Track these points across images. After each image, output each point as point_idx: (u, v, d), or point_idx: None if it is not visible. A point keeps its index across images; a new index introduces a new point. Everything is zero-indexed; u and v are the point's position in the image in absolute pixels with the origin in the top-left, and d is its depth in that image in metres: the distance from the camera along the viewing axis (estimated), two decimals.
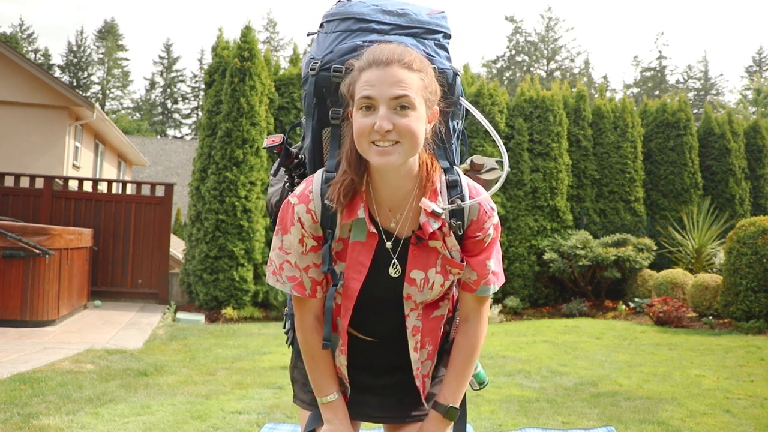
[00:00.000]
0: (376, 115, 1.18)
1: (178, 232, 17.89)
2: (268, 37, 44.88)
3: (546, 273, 9.85)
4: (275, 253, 1.35)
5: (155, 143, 31.00)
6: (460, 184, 1.32)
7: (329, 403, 1.38)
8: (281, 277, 1.34)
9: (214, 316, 8.41)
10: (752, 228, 7.35)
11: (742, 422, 3.56)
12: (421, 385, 1.43)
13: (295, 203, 1.30)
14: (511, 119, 10.41)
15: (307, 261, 1.32)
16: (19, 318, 6.43)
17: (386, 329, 1.41)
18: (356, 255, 1.30)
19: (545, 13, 53.35)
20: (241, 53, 9.12)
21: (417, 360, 1.40)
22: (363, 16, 1.36)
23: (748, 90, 37.22)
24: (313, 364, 1.38)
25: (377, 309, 1.38)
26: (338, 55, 1.33)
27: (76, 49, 45.45)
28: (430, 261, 1.32)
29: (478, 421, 3.55)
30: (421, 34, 1.36)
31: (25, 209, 8.98)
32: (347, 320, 1.36)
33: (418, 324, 1.37)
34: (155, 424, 3.38)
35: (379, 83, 1.17)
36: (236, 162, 8.83)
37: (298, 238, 1.30)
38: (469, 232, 1.32)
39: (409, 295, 1.34)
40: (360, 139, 1.20)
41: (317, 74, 1.33)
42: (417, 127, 1.19)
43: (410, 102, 1.18)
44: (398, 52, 1.20)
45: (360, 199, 1.28)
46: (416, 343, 1.38)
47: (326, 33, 1.40)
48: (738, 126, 11.93)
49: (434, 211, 1.25)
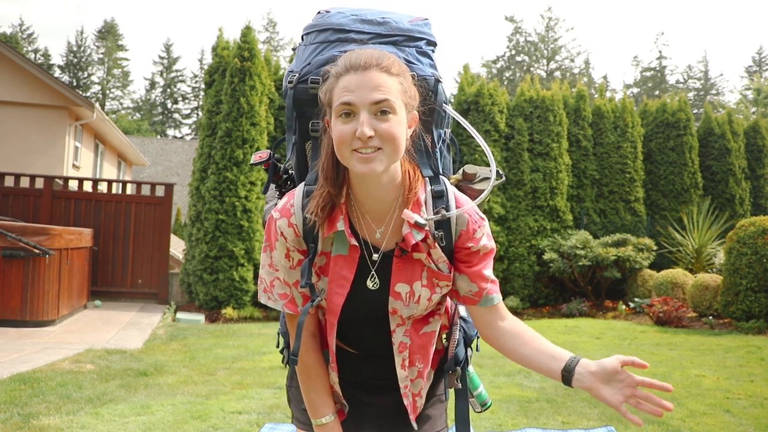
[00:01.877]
0: (356, 122, 1.14)
1: (178, 232, 17.88)
2: (268, 37, 44.90)
3: (546, 273, 9.85)
4: (265, 270, 1.32)
5: (155, 143, 31.00)
6: (446, 195, 1.28)
7: (324, 425, 1.35)
8: (273, 295, 1.32)
9: (214, 316, 8.41)
10: (752, 228, 7.35)
11: (742, 422, 3.56)
12: (410, 404, 1.38)
13: (278, 217, 1.27)
14: (511, 119, 10.41)
15: (296, 275, 1.29)
16: (19, 318, 6.43)
17: (375, 345, 1.37)
18: (339, 269, 1.27)
19: (545, 13, 53.36)
20: (242, 53, 9.12)
21: (405, 377, 1.35)
22: (341, 26, 1.33)
23: (748, 90, 37.23)
24: (308, 384, 1.35)
25: (364, 324, 1.35)
26: (315, 66, 1.30)
27: (76, 49, 45.46)
28: (415, 274, 1.27)
29: (478, 421, 3.55)
30: (402, 42, 1.33)
31: (25, 209, 8.98)
32: (333, 336, 1.32)
33: (405, 340, 1.33)
34: (155, 424, 3.38)
35: (358, 88, 1.14)
36: (236, 162, 8.83)
37: (283, 253, 1.28)
38: (460, 243, 1.28)
39: (395, 310, 1.30)
40: (341, 147, 1.16)
41: (295, 87, 1.31)
42: (399, 131, 1.15)
43: (391, 106, 1.14)
44: (375, 56, 1.17)
45: (340, 211, 1.24)
46: (403, 360, 1.34)
47: (305, 45, 1.37)
48: (738, 126, 11.93)
49: (417, 222, 1.21)
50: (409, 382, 1.37)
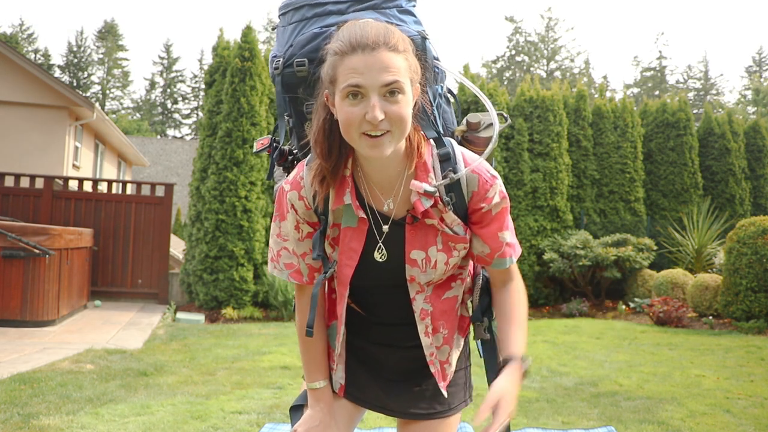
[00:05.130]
0: (365, 104, 1.11)
1: (178, 232, 17.87)
2: (268, 37, 44.84)
3: (546, 273, 9.84)
4: (273, 240, 1.33)
5: (155, 143, 30.99)
6: (453, 156, 1.24)
7: (316, 389, 1.38)
8: (279, 264, 1.33)
9: (214, 316, 8.41)
10: (752, 228, 7.34)
11: (742, 422, 3.56)
12: (439, 371, 1.37)
13: (288, 189, 1.27)
14: (511, 119, 10.39)
15: (304, 247, 1.30)
16: (19, 318, 6.43)
17: (398, 312, 1.36)
18: (348, 241, 1.27)
19: (545, 13, 53.37)
20: (242, 53, 9.12)
21: (430, 345, 1.34)
22: (316, 0, 1.30)
23: (748, 90, 37.23)
24: (306, 347, 1.37)
25: (382, 294, 1.35)
26: (299, 47, 1.28)
27: (76, 49, 45.44)
28: (428, 239, 1.26)
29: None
30: (381, 4, 1.30)
31: (25, 209, 8.98)
32: (343, 307, 1.34)
33: (427, 307, 1.32)
34: (155, 424, 3.38)
35: (367, 70, 1.09)
36: (236, 162, 8.83)
37: (293, 224, 1.28)
38: (473, 204, 1.25)
39: (413, 277, 1.29)
40: (349, 129, 1.13)
41: (282, 72, 1.29)
42: (407, 112, 1.13)
43: (400, 87, 1.11)
44: (382, 33, 1.12)
45: (346, 184, 1.24)
46: (426, 327, 1.33)
47: (284, 26, 1.35)
48: (738, 126, 11.93)
49: (426, 190, 1.19)
50: (435, 350, 1.36)
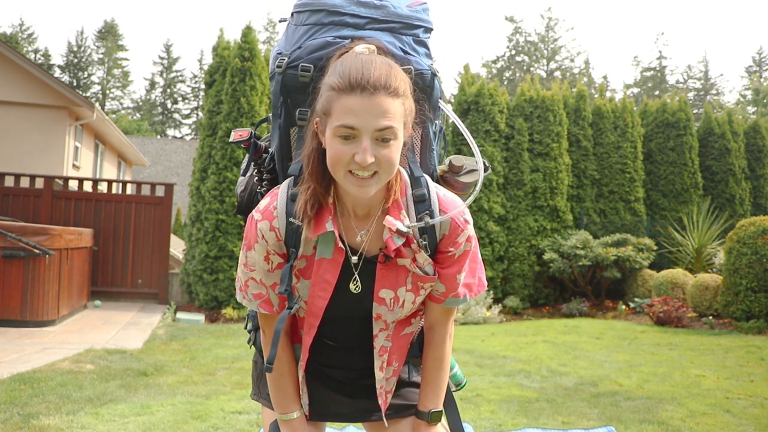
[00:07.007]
0: (356, 145, 1.09)
1: (178, 232, 17.87)
2: (268, 37, 44.86)
3: (546, 273, 9.85)
4: (241, 269, 1.27)
5: (155, 143, 30.99)
6: (428, 199, 1.23)
7: (292, 420, 1.34)
8: (247, 294, 1.27)
9: (214, 316, 8.41)
10: (752, 228, 7.34)
11: (742, 422, 3.56)
12: (383, 402, 1.37)
13: (259, 219, 1.21)
14: (511, 119, 10.40)
15: (274, 278, 1.24)
16: (19, 318, 6.43)
17: (355, 341, 1.36)
18: (322, 272, 1.23)
19: (545, 13, 53.33)
20: (242, 53, 9.12)
21: (382, 378, 1.35)
22: (335, 8, 1.26)
23: (748, 90, 37.24)
24: (279, 381, 1.33)
25: (347, 324, 1.33)
26: (307, 51, 1.24)
27: (76, 49, 45.44)
28: (399, 279, 1.24)
29: (478, 421, 3.54)
30: (399, 29, 1.27)
31: (25, 209, 8.98)
32: (311, 338, 1.29)
33: (387, 344, 1.31)
34: (155, 424, 3.38)
35: (363, 113, 1.08)
36: (236, 162, 8.83)
37: (263, 255, 1.23)
38: (441, 246, 1.24)
39: (379, 315, 1.27)
40: (336, 166, 1.12)
41: (284, 72, 1.26)
42: (396, 156, 1.12)
43: (394, 132, 1.10)
44: (384, 75, 1.10)
45: (328, 211, 1.20)
46: (382, 362, 1.33)
47: (296, 25, 1.31)
48: (738, 126, 11.93)
49: (399, 230, 1.17)
50: (384, 382, 1.36)
